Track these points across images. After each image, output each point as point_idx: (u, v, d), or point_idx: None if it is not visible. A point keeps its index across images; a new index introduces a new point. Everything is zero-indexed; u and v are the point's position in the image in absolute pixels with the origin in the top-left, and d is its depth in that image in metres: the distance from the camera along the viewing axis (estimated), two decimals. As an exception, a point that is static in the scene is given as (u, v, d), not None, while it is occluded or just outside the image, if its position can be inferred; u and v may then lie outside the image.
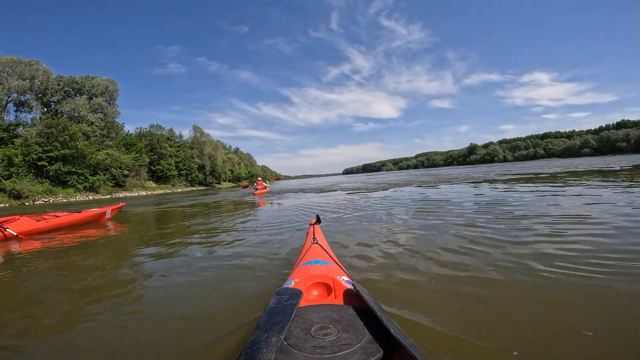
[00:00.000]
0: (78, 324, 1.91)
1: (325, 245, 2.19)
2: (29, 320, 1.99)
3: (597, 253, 2.51)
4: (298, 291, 1.25)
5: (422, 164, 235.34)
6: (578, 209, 4.52)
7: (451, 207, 5.71)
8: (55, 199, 26.67)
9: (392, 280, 2.25)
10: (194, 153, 64.09)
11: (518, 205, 5.30)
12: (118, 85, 44.79)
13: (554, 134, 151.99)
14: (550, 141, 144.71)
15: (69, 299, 2.33)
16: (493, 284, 2.08)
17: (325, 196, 11.27)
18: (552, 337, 1.44)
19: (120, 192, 36.60)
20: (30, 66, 36.55)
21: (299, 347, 0.94)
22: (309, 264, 1.68)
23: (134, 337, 1.67)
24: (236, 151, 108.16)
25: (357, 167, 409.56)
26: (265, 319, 1.04)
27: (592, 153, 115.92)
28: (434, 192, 9.48)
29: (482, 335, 1.45)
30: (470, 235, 3.37)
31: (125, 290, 2.44)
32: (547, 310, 1.69)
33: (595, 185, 7.80)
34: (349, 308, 1.17)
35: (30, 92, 36.28)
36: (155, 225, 6.68)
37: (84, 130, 36.37)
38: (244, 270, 2.74)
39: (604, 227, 3.33)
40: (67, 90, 40.47)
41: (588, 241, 2.87)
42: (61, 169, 29.19)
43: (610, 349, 1.35)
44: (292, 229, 4.69)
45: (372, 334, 1.00)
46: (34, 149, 28.26)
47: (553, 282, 2.03)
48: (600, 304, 1.71)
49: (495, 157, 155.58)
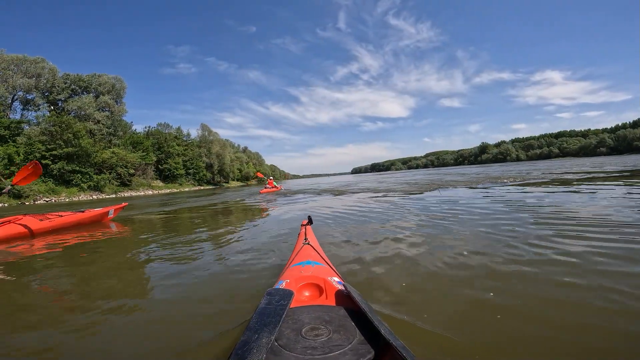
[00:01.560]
0: (63, 326, 1.83)
1: (317, 246, 2.18)
2: (28, 321, 1.97)
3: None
4: (289, 292, 1.24)
5: (432, 163, 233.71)
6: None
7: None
8: (57, 199, 25.86)
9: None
10: (202, 152, 63.52)
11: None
12: (125, 83, 44.20)
13: (568, 133, 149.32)
14: (565, 140, 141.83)
15: (62, 299, 2.34)
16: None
17: (349, 201, 8.42)
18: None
19: (125, 191, 35.82)
20: (35, 64, 36.04)
21: (290, 348, 0.94)
22: (300, 265, 1.66)
23: (123, 339, 1.64)
24: (245, 150, 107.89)
25: (366, 167, 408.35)
26: (255, 320, 1.03)
27: (608, 152, 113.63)
28: (520, 196, 6.69)
29: (476, 337, 1.44)
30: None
31: (116, 292, 2.41)
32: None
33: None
34: (340, 309, 1.16)
35: (35, 90, 35.69)
36: (153, 226, 6.34)
37: (89, 129, 35.70)
38: (234, 271, 2.69)
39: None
40: (73, 88, 40.01)
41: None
42: (65, 168, 28.38)
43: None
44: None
45: (363, 335, 1.00)
46: (37, 147, 27.48)
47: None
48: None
49: (507, 156, 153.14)
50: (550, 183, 9.10)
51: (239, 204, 10.66)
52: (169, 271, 2.80)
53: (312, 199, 10.05)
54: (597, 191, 6.31)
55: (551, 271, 2.15)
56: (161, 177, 51.02)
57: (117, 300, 2.20)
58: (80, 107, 37.84)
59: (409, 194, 9.12)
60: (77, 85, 40.31)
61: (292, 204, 9.10)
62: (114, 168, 34.88)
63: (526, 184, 9.23)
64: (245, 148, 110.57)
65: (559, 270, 2.15)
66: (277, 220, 5.71)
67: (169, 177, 51.90)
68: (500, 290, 1.90)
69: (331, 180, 37.96)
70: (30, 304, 2.28)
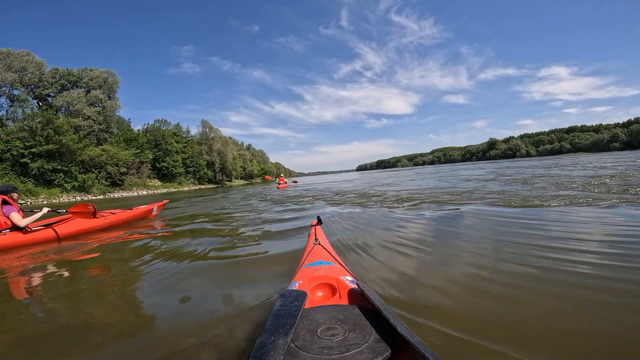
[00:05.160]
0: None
1: (328, 246, 2.16)
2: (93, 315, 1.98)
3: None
4: (302, 292, 1.23)
5: (439, 159, 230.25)
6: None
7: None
8: (35, 201, 23.48)
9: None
10: (203, 149, 61.26)
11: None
12: (118, 78, 41.87)
13: (579, 128, 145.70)
14: (576, 135, 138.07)
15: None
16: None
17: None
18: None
19: (116, 191, 33.46)
20: (20, 57, 33.82)
21: (307, 349, 0.94)
22: (312, 265, 1.66)
23: (135, 338, 1.65)
24: (249, 148, 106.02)
25: (371, 164, 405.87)
26: (271, 322, 1.03)
27: (621, 147, 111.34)
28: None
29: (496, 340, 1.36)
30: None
31: (131, 291, 2.44)
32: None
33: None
34: (354, 308, 1.16)
35: (20, 84, 33.47)
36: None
37: (75, 124, 33.41)
38: (247, 273, 2.61)
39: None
40: (63, 83, 37.87)
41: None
42: (44, 167, 25.99)
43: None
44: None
45: (379, 333, 0.99)
46: (14, 145, 25.19)
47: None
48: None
49: (517, 152, 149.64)
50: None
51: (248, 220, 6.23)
52: (179, 276, 2.68)
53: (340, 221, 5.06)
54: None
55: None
56: (159, 176, 48.95)
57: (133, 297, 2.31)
58: (69, 102, 35.63)
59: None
60: (66, 80, 38.20)
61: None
62: (104, 166, 32.54)
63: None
64: (249, 145, 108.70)
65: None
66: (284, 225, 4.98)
67: (167, 176, 49.79)
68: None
69: (336, 178, 35.25)
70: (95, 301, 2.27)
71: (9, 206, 4.33)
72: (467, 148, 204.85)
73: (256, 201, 10.48)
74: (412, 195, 7.82)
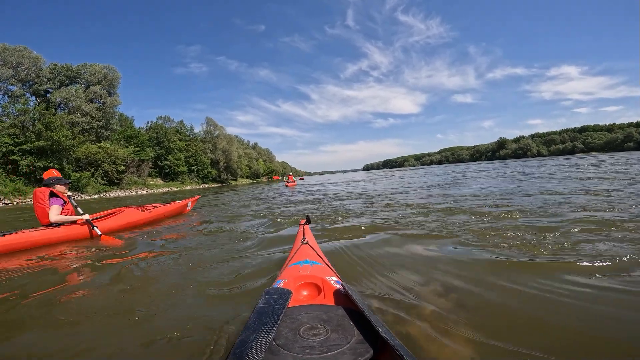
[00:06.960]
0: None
1: (315, 246, 2.10)
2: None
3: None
4: (287, 291, 1.22)
5: (447, 159, 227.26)
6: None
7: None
8: (21, 201, 22.14)
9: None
10: (207, 147, 59.94)
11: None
12: (119, 73, 40.67)
13: (592, 127, 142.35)
14: (589, 135, 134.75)
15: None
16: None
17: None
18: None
19: (113, 190, 32.11)
20: (16, 52, 32.64)
21: (288, 348, 0.94)
22: (299, 264, 1.64)
23: (120, 337, 1.56)
24: (254, 146, 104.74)
25: (378, 164, 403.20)
26: (254, 319, 1.02)
27: (636, 147, 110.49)
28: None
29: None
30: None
31: (124, 289, 2.21)
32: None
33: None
34: (338, 308, 1.15)
35: (15, 80, 32.30)
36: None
37: (72, 121, 32.15)
38: (232, 270, 2.48)
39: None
40: (61, 78, 36.72)
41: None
42: (34, 165, 24.69)
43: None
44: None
45: (362, 334, 0.99)
46: (3, 141, 23.90)
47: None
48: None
49: (528, 152, 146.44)
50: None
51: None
52: (162, 270, 2.59)
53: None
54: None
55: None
56: (161, 174, 47.73)
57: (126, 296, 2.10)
58: (67, 98, 34.46)
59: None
60: (64, 76, 37.08)
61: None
62: (100, 165, 31.20)
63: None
64: (255, 144, 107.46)
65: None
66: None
67: (170, 175, 48.53)
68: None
69: (343, 178, 33.34)
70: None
71: (55, 198, 4.19)
72: (476, 147, 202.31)
73: (254, 205, 8.82)
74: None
